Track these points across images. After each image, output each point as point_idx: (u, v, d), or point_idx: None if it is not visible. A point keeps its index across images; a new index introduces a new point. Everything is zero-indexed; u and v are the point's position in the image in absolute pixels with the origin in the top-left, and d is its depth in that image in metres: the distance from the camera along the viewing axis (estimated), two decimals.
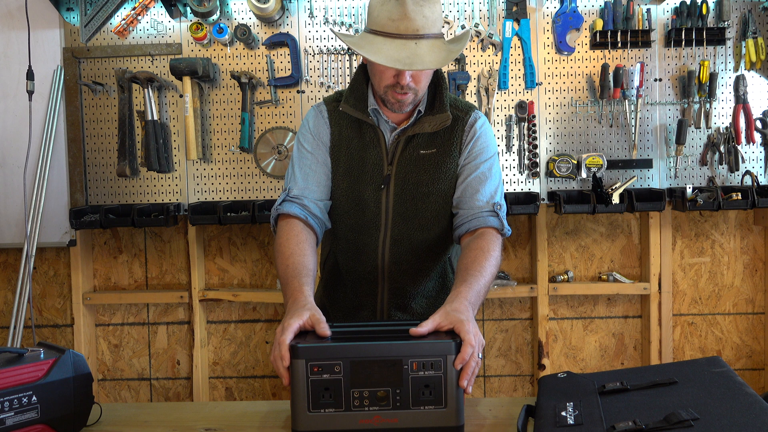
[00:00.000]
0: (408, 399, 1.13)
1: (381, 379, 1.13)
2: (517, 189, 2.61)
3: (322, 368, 1.14)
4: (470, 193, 1.55)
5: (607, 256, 2.80)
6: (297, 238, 1.49)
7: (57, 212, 2.63)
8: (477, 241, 1.50)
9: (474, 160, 1.57)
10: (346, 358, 1.14)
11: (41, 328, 2.84)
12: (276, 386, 2.88)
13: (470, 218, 1.54)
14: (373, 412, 1.13)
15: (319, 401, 1.14)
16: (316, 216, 1.56)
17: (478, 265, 1.41)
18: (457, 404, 1.13)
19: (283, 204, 1.55)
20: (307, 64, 2.61)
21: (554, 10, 2.57)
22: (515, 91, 2.60)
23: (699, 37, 2.52)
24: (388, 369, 1.13)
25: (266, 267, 2.83)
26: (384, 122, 1.58)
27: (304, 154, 1.60)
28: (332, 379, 1.14)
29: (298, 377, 1.14)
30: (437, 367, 1.13)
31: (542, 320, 2.72)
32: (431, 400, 1.13)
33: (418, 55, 1.41)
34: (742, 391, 1.09)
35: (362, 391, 1.13)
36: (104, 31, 2.62)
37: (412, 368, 1.13)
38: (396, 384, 1.13)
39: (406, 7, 1.40)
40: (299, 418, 1.14)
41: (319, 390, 1.14)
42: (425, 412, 1.13)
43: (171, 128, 2.64)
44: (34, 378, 1.13)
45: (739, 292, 2.80)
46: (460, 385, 1.14)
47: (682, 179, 2.60)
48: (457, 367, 1.14)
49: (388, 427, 1.13)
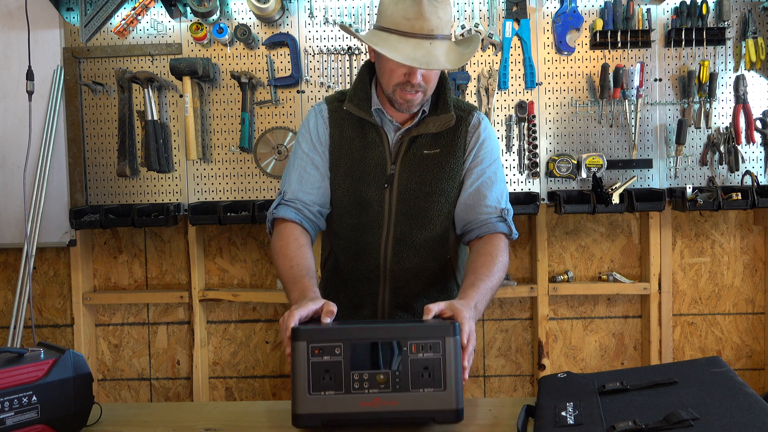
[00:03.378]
0: (407, 381, 1.15)
1: (380, 360, 1.16)
2: (517, 189, 2.61)
3: (322, 350, 1.16)
4: (478, 199, 1.59)
5: (607, 256, 2.80)
6: (297, 242, 1.53)
7: (57, 212, 2.63)
8: (485, 246, 1.54)
9: (480, 165, 1.60)
10: (346, 340, 1.17)
11: (41, 328, 2.84)
12: (276, 386, 2.88)
13: (479, 225, 1.58)
14: (372, 394, 1.15)
15: (320, 383, 1.15)
16: (311, 219, 1.60)
17: (487, 270, 1.47)
18: (457, 387, 1.15)
19: (279, 208, 1.59)
20: (307, 64, 2.61)
21: (554, 10, 2.57)
22: (515, 91, 2.60)
23: (699, 37, 2.52)
24: (388, 351, 1.16)
25: (266, 267, 2.83)
26: (388, 122, 1.59)
27: (300, 157, 1.63)
28: (332, 362, 1.16)
29: (299, 359, 1.16)
30: (436, 349, 1.15)
31: (542, 320, 2.72)
32: (430, 383, 1.15)
33: (434, 55, 1.43)
34: (742, 391, 1.09)
35: (362, 374, 1.15)
36: (104, 31, 2.62)
37: (411, 350, 1.15)
38: (395, 365, 1.16)
39: (422, 6, 1.41)
40: (300, 401, 1.15)
41: (319, 372, 1.15)
42: (424, 394, 1.14)
43: (171, 128, 2.64)
44: (34, 378, 1.13)
45: (739, 292, 2.80)
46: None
47: (682, 179, 2.60)
48: (464, 342, 1.18)
49: (387, 410, 1.14)
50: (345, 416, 1.14)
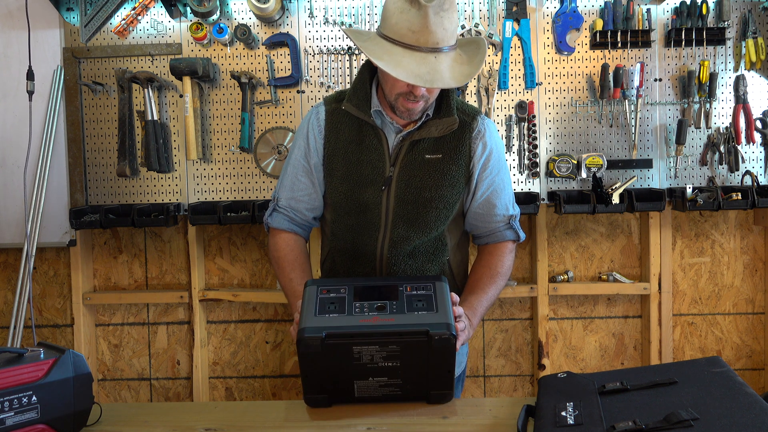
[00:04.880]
0: (404, 307, 1.29)
1: (380, 296, 1.32)
2: (517, 189, 2.61)
3: (329, 290, 1.34)
4: (488, 209, 1.65)
5: (607, 256, 2.80)
6: (293, 252, 1.66)
7: (57, 212, 2.63)
8: (490, 257, 1.67)
9: (490, 175, 1.63)
10: (350, 285, 1.36)
11: (41, 328, 2.84)
12: (276, 386, 2.88)
13: (489, 233, 1.69)
14: (372, 315, 1.28)
15: (325, 309, 1.29)
16: (303, 225, 1.72)
17: (488, 276, 1.62)
18: (447, 313, 1.28)
19: (273, 216, 1.70)
20: (307, 64, 2.61)
21: (554, 10, 2.57)
22: (515, 91, 2.60)
23: (699, 37, 2.52)
24: (387, 290, 1.33)
25: (266, 267, 2.83)
26: (388, 124, 1.58)
27: (292, 164, 1.68)
28: (338, 297, 1.32)
29: (309, 298, 1.32)
30: (428, 288, 1.34)
31: (542, 320, 2.72)
32: (424, 308, 1.29)
33: (439, 72, 1.39)
34: (742, 391, 1.09)
35: (363, 304, 1.30)
36: (104, 31, 2.62)
37: (406, 290, 1.33)
38: (393, 299, 1.31)
39: (427, 19, 1.36)
40: (306, 320, 1.26)
41: (325, 303, 1.31)
42: (419, 315, 1.27)
43: (171, 128, 2.64)
44: (34, 378, 1.13)
45: (739, 292, 2.80)
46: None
47: (682, 179, 2.60)
48: (454, 300, 1.35)
49: (385, 325, 1.24)
50: (346, 329, 1.23)
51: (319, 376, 1.27)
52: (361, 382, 1.27)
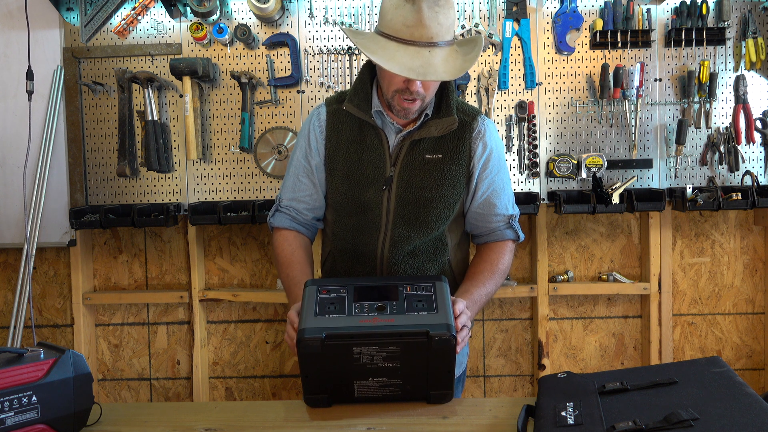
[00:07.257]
0: (404, 308, 1.29)
1: (380, 296, 1.32)
2: (517, 189, 2.61)
3: (329, 290, 1.34)
4: (488, 209, 1.65)
5: (607, 256, 2.80)
6: (295, 253, 1.65)
7: (57, 212, 2.63)
8: (490, 253, 1.67)
9: (490, 176, 1.63)
10: (350, 285, 1.36)
11: (41, 328, 2.84)
12: (276, 386, 2.88)
13: (488, 232, 1.69)
14: (372, 315, 1.28)
15: (325, 310, 1.29)
16: (305, 224, 1.71)
17: (489, 271, 1.61)
18: (448, 313, 1.27)
19: (276, 216, 1.71)
20: (307, 64, 2.61)
21: (554, 10, 2.57)
22: (515, 91, 2.60)
23: (699, 37, 2.52)
24: (387, 290, 1.33)
25: (266, 267, 2.83)
26: (389, 124, 1.58)
27: (294, 164, 1.69)
28: (338, 297, 1.32)
29: (309, 298, 1.32)
30: (428, 288, 1.34)
31: (542, 320, 2.72)
32: (424, 308, 1.29)
33: (432, 65, 1.39)
34: (742, 391, 1.09)
35: (363, 304, 1.30)
36: (104, 31, 2.62)
37: (406, 290, 1.33)
38: (393, 299, 1.31)
39: (421, 13, 1.37)
40: (306, 321, 1.26)
41: (326, 304, 1.31)
42: (419, 315, 1.27)
43: (171, 128, 2.64)
44: (34, 378, 1.13)
45: (739, 292, 2.80)
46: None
47: (682, 179, 2.60)
48: (457, 310, 1.33)
49: (385, 325, 1.24)
50: (345, 330, 1.23)
51: (319, 376, 1.26)
52: (361, 383, 1.27)
